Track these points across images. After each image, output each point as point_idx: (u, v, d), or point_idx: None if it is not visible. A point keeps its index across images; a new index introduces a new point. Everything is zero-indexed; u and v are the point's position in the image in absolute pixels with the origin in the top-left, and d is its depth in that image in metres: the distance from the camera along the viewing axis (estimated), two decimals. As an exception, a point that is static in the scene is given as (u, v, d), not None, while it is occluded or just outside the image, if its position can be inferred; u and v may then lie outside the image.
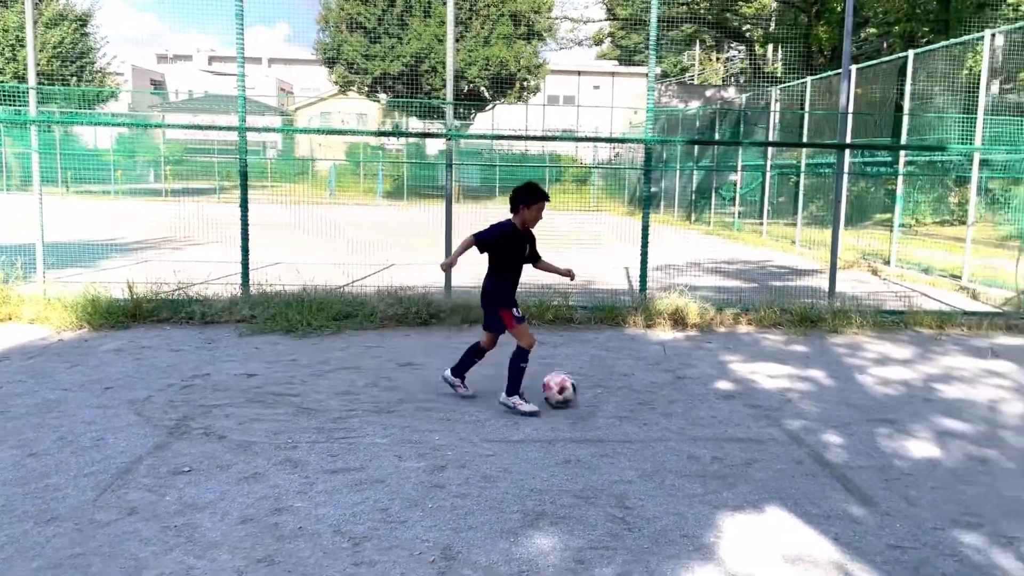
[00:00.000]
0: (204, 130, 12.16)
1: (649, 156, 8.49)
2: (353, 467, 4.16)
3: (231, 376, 5.80)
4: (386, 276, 9.89)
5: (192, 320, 7.51)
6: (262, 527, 3.47)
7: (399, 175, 32.37)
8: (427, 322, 7.75)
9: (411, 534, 3.43)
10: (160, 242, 13.61)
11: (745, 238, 18.34)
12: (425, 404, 5.28)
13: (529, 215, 5.10)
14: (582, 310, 8.05)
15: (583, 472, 4.14)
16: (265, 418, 4.90)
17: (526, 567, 3.15)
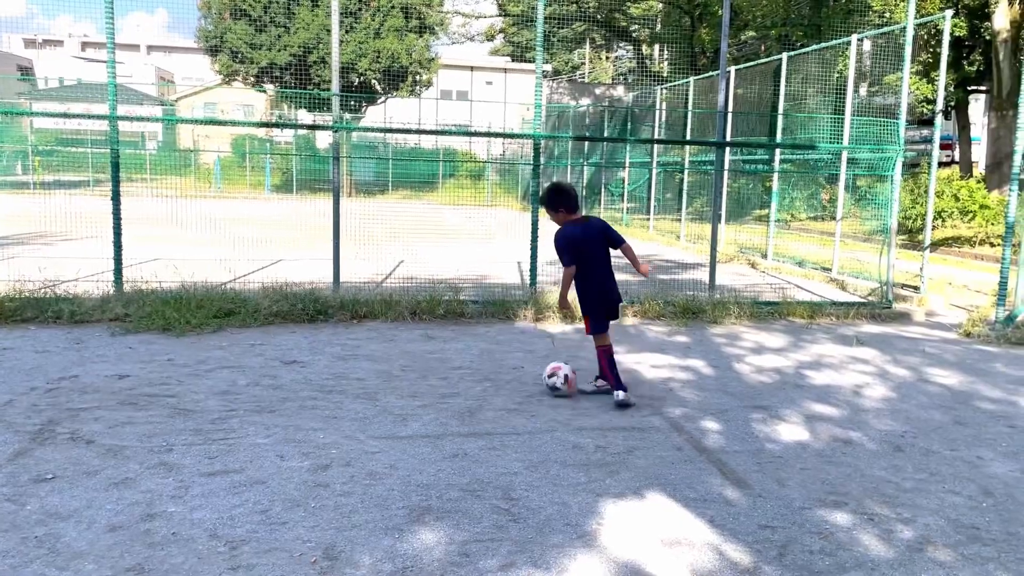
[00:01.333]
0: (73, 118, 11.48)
1: (538, 152, 8.58)
2: (232, 469, 4.03)
3: (101, 377, 5.51)
4: (273, 272, 9.62)
5: (60, 319, 7.08)
6: (132, 534, 3.30)
7: (288, 168, 31.53)
8: (314, 318, 7.58)
9: (292, 535, 3.34)
10: (28, 237, 12.78)
11: (633, 233, 18.83)
12: (309, 402, 5.16)
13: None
14: (473, 304, 8.07)
15: (470, 465, 4.15)
16: (138, 421, 4.68)
17: (410, 563, 3.13)
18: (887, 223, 9.51)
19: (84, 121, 26.98)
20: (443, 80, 44.44)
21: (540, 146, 8.58)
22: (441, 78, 41.34)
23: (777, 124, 14.02)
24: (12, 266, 8.35)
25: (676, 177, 18.93)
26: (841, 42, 12.98)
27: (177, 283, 7.88)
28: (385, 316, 7.73)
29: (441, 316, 7.83)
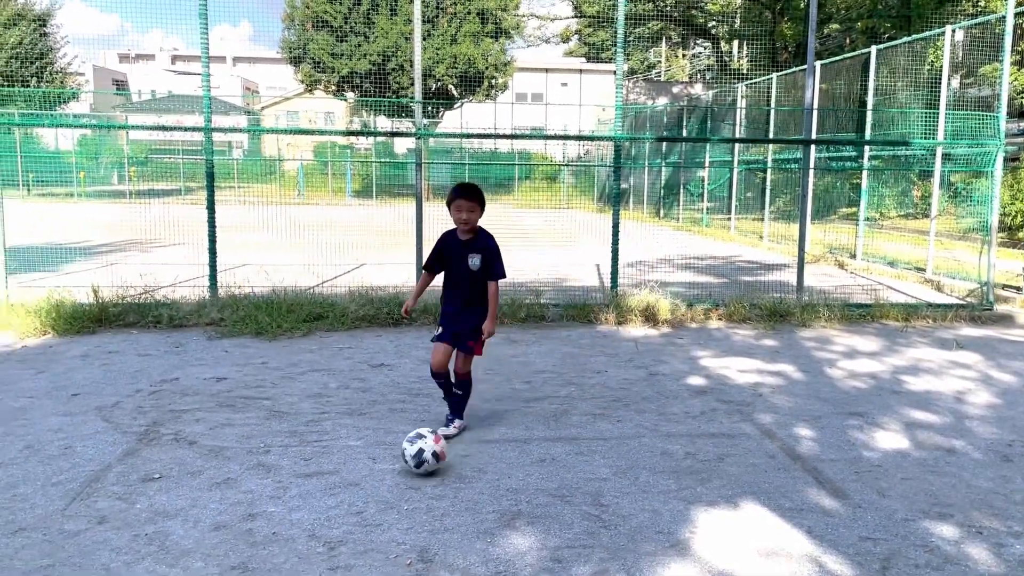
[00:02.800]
0: (169, 131, 11.99)
1: (618, 153, 8.52)
2: (327, 470, 4.13)
3: (200, 380, 5.73)
4: (357, 276, 9.82)
5: (159, 324, 7.40)
6: (235, 533, 3.42)
7: (368, 174, 32.18)
8: (398, 322, 7.71)
9: (387, 537, 3.40)
10: (126, 245, 13.40)
11: (714, 233, 18.52)
12: (397, 405, 5.25)
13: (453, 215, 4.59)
14: (554, 308, 8.07)
15: (558, 470, 4.15)
16: (236, 423, 4.85)
17: (503, 567, 3.15)
18: (987, 220, 9.09)
19: (176, 132, 28.14)
20: (518, 83, 44.63)
21: (621, 148, 8.52)
22: (516, 81, 41.53)
23: (866, 120, 13.56)
24: (114, 273, 8.77)
25: (758, 176, 18.53)
26: (934, 33, 12.47)
27: (268, 288, 8.13)
28: (468, 320, 7.79)
29: (522, 319, 7.86)
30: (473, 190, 4.57)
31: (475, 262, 4.55)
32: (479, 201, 4.55)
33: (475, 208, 4.53)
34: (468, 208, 4.51)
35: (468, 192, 4.54)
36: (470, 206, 4.51)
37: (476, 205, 4.53)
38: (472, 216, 4.53)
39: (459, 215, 4.53)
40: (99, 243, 14.00)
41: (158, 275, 8.53)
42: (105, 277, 8.38)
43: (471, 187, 4.59)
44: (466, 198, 4.51)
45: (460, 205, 4.51)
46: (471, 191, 4.55)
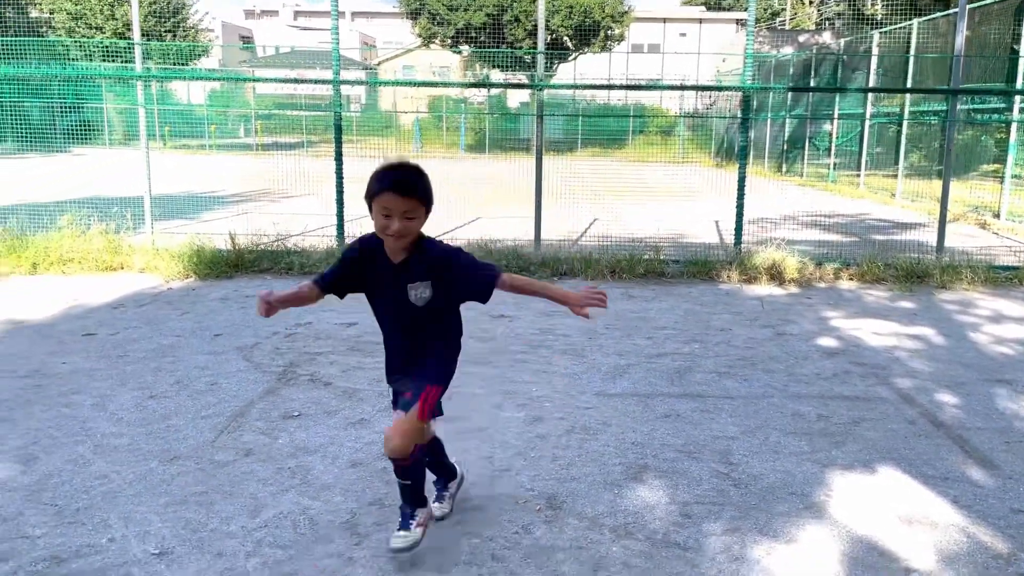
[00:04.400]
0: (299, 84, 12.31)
1: (747, 104, 8.20)
2: (455, 416, 4.22)
3: (332, 325, 5.96)
4: (473, 229, 9.92)
5: (291, 271, 7.72)
6: (371, 471, 3.56)
7: (481, 128, 32.31)
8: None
9: (515, 482, 3.47)
10: (256, 195, 13.99)
11: (841, 190, 17.66)
12: (519, 356, 5.30)
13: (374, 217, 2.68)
14: (674, 264, 7.92)
15: (684, 427, 4.10)
16: (367, 366, 5.02)
17: (632, 520, 3.15)
18: None
19: (298, 86, 28.98)
20: (634, 34, 43.51)
21: (751, 98, 8.19)
22: (632, 31, 40.50)
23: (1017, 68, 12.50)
24: (248, 221, 9.18)
25: (890, 130, 17.47)
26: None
27: (390, 239, 8.32)
28: (584, 274, 7.77)
29: (641, 275, 7.76)
30: (411, 179, 2.64)
31: (421, 294, 2.72)
32: (421, 197, 2.63)
33: (416, 209, 2.62)
34: (403, 210, 2.59)
35: (403, 183, 2.61)
36: (407, 207, 2.59)
37: (417, 204, 2.62)
38: (410, 225, 2.63)
39: (386, 221, 2.61)
40: (231, 193, 14.68)
41: (288, 224, 8.88)
42: (240, 225, 8.77)
43: (408, 172, 2.66)
44: (399, 193, 2.58)
45: (389, 203, 2.59)
46: (408, 180, 2.63)
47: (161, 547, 2.89)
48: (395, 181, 2.61)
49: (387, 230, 2.61)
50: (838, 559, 2.89)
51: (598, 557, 2.87)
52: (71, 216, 8.08)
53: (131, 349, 5.27)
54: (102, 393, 4.44)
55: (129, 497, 3.27)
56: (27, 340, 5.43)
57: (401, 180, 2.62)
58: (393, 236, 2.62)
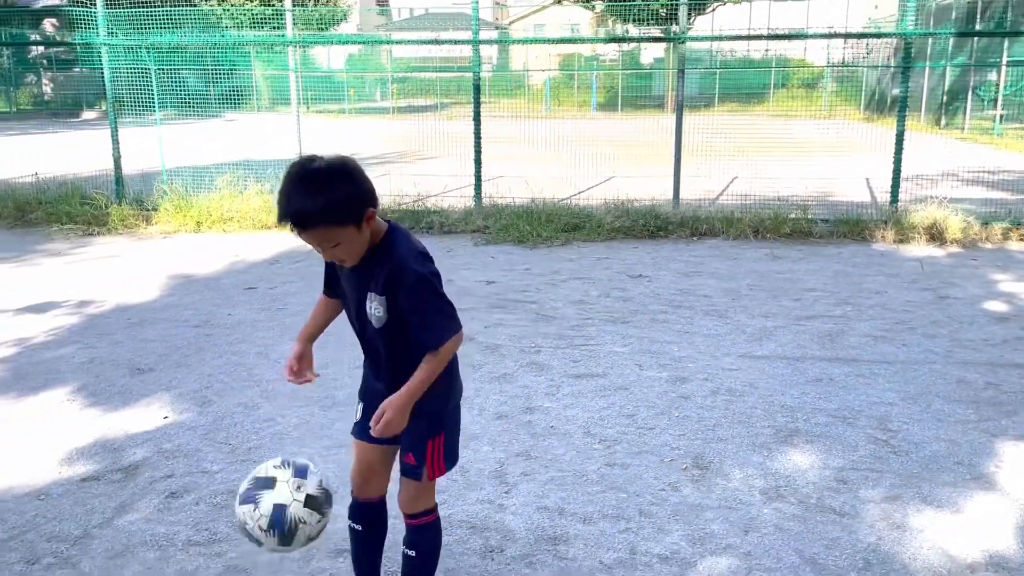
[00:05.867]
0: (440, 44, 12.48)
1: (908, 52, 7.64)
2: (596, 373, 4.25)
3: (472, 283, 6.08)
4: (609, 188, 9.82)
5: (431, 229, 7.92)
6: (516, 424, 3.64)
7: (613, 87, 31.77)
8: (654, 234, 7.65)
9: (660, 441, 3.45)
10: (394, 156, 14.39)
11: (1008, 145, 16.23)
12: (659, 316, 5.24)
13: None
14: (823, 223, 7.57)
15: (837, 391, 3.95)
16: (507, 323, 5.11)
17: (783, 482, 3.08)
18: None
19: (433, 49, 29.42)
20: (776, -18, 41.32)
21: (912, 45, 7.63)
22: (774, -20, 38.53)
23: None
24: (390, 182, 9.47)
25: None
26: None
27: (526, 199, 8.38)
28: (726, 233, 7.55)
29: (786, 235, 7.46)
30: (304, 208, 1.88)
31: (375, 311, 2.07)
32: (333, 222, 1.91)
33: (333, 234, 1.93)
34: (319, 242, 1.95)
35: (296, 217, 1.89)
36: (319, 239, 1.94)
37: (330, 229, 1.92)
38: (339, 251, 1.98)
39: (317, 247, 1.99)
40: (370, 155, 15.16)
41: (427, 185, 9.09)
42: (381, 186, 9.05)
43: (300, 196, 1.89)
44: (303, 228, 1.91)
45: (299, 236, 1.95)
46: (301, 212, 1.88)
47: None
48: (282, 214, 1.90)
49: (326, 255, 2.02)
50: (1012, 533, 2.72)
51: (748, 518, 2.83)
52: (229, 177, 8.59)
53: (289, 302, 5.58)
54: (265, 343, 4.74)
55: (294, 439, 3.50)
56: (197, 293, 5.85)
57: (289, 214, 1.88)
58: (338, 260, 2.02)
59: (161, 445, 3.44)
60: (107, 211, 8.19)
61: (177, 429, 3.60)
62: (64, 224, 8.13)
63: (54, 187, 9.00)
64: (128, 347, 4.67)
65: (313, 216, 1.86)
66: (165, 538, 2.74)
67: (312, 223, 1.86)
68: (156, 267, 6.63)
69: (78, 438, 3.50)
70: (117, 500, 2.99)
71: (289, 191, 1.88)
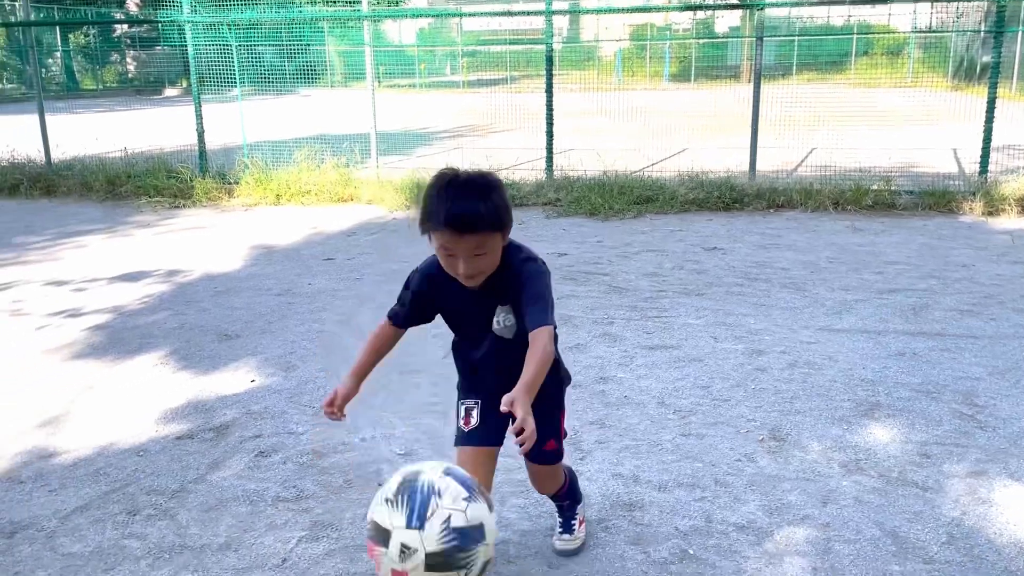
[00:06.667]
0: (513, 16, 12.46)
1: (1001, 16, 7.28)
2: (670, 344, 4.23)
3: (544, 255, 6.03)
4: (682, 160, 9.69)
5: (503, 202, 7.96)
6: (590, 393, 3.67)
7: (685, 56, 31.11)
8: (729, 207, 7.53)
9: (735, 412, 3.44)
10: (465, 130, 14.47)
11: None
12: (735, 288, 5.18)
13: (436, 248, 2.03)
14: (907, 195, 7.32)
15: (921, 366, 3.85)
16: (580, 295, 5.12)
17: (863, 455, 3.04)
18: None
19: (503, 23, 29.26)
20: (859, -55, 39.58)
21: (1005, 8, 7.26)
22: (857, -57, 36.95)
23: None
24: (461, 156, 9.55)
25: None
26: None
27: (598, 171, 8.34)
28: (804, 206, 7.38)
29: (868, 207, 7.25)
30: (472, 209, 1.91)
31: (505, 322, 2.14)
32: (492, 227, 1.95)
33: (486, 243, 1.95)
34: (469, 248, 1.94)
35: (461, 219, 1.90)
36: (473, 244, 1.94)
37: (487, 236, 1.95)
38: (482, 262, 1.98)
39: (450, 260, 2.00)
40: (442, 129, 15.28)
41: (499, 157, 9.13)
42: (453, 159, 9.15)
43: (467, 198, 1.92)
44: (458, 230, 1.91)
45: (448, 242, 1.94)
46: (467, 214, 1.91)
47: (406, 448, 3.18)
48: (450, 216, 1.88)
49: (454, 271, 1.99)
50: (1107, 514, 2.63)
51: (827, 490, 2.80)
52: (307, 151, 8.79)
53: (366, 273, 5.72)
54: (345, 311, 4.87)
55: (373, 405, 3.60)
56: (278, 263, 6.04)
57: (458, 215, 1.87)
58: (468, 277, 1.99)
59: (249, 407, 3.59)
60: (192, 184, 8.49)
61: (264, 392, 3.75)
62: (152, 197, 8.47)
63: (141, 162, 9.38)
64: (215, 314, 4.86)
65: (484, 218, 1.90)
66: (255, 494, 2.88)
67: (480, 225, 1.90)
68: (239, 238, 6.87)
69: (172, 399, 3.68)
70: (210, 457, 3.15)
71: (453, 195, 1.90)
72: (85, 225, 7.61)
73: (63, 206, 8.61)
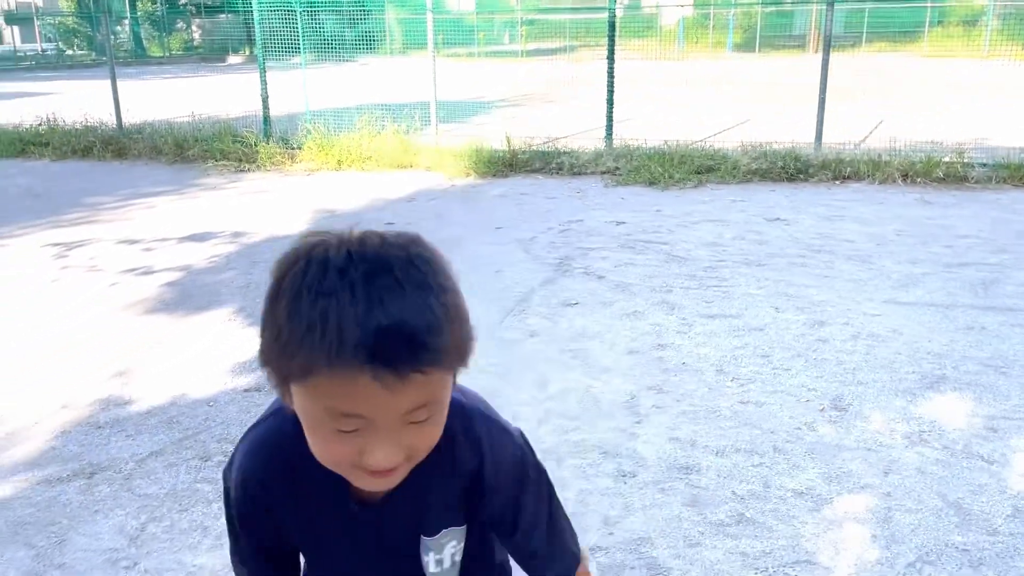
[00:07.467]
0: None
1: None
2: (729, 314, 4.20)
3: (602, 223, 6.09)
4: (745, 130, 9.50)
5: (561, 171, 7.94)
6: (647, 359, 3.68)
7: (750, 26, 30.35)
8: (793, 177, 7.37)
9: (796, 382, 3.40)
10: (524, 99, 14.41)
11: None
12: (797, 260, 5.10)
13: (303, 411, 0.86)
14: (980, 168, 7.07)
15: (990, 340, 3.75)
16: (638, 263, 5.10)
17: (927, 427, 2.99)
18: None
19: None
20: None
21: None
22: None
23: None
24: (519, 124, 9.54)
25: None
26: None
27: (659, 140, 8.24)
28: (872, 178, 7.19)
29: (939, 179, 7.02)
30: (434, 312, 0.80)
31: (445, 556, 1.08)
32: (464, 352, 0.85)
33: (436, 395, 0.85)
34: (407, 409, 0.82)
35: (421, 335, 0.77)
36: (421, 398, 0.82)
37: (443, 381, 0.85)
38: (422, 435, 0.87)
39: (353, 442, 0.83)
40: (501, 97, 15.24)
41: (557, 127, 9.09)
42: (512, 128, 9.13)
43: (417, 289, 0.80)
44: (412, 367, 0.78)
45: (367, 401, 0.79)
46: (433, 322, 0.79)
47: (465, 407, 3.23)
48: (380, 333, 0.77)
49: (350, 462, 0.86)
50: None
51: (888, 460, 2.77)
52: (368, 118, 8.87)
53: (426, 239, 5.77)
54: (404, 274, 4.94)
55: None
56: (339, 226, 6.12)
57: (397, 330, 0.78)
58: (372, 477, 0.88)
59: (313, 363, 3.69)
60: (256, 149, 8.66)
61: (327, 349, 3.84)
62: (218, 160, 8.68)
63: (208, 126, 9.59)
64: (280, 274, 4.98)
65: (448, 338, 0.81)
66: (320, 445, 2.97)
67: (440, 354, 0.80)
68: (301, 202, 7.00)
69: (240, 353, 3.80)
70: (276, 409, 3.25)
71: (370, 290, 0.79)
72: (155, 187, 7.85)
73: (134, 168, 8.88)
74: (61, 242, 5.85)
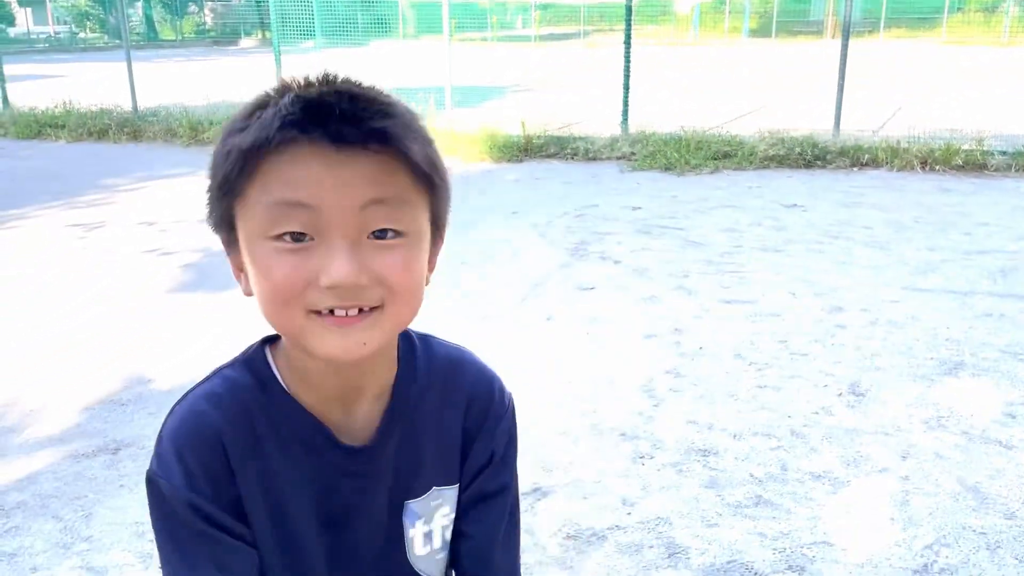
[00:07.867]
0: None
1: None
2: (746, 299, 4.20)
3: (618, 208, 6.08)
4: (762, 116, 9.45)
5: (576, 156, 7.93)
6: (664, 343, 3.68)
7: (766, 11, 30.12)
8: (811, 164, 7.34)
9: (813, 367, 3.40)
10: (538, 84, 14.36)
11: None
12: (815, 246, 5.08)
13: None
14: (1000, 155, 7.02)
15: (1009, 327, 3.74)
16: (654, 248, 5.10)
17: (945, 412, 2.99)
18: None
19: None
20: None
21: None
22: None
23: None
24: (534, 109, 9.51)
25: None
26: None
27: (674, 126, 8.20)
28: (890, 164, 7.15)
29: (958, 167, 6.97)
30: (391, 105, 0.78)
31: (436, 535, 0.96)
32: (431, 169, 0.79)
33: (405, 202, 0.78)
34: (367, 195, 0.75)
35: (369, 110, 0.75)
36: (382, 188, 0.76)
37: (410, 193, 0.79)
38: (390, 262, 0.78)
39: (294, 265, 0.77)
40: (514, 82, 15.19)
41: (572, 112, 9.07)
42: (526, 112, 9.11)
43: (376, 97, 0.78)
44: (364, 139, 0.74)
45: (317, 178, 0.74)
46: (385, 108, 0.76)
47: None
48: (322, 102, 0.75)
49: (316, 291, 0.78)
50: None
51: (906, 445, 2.77)
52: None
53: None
54: (420, 257, 4.96)
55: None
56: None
57: (338, 97, 0.75)
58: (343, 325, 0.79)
59: (331, 344, 3.71)
60: (271, 132, 8.67)
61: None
62: (233, 144, 8.69)
63: (223, 109, 9.60)
64: (297, 256, 5.01)
65: (404, 128, 0.77)
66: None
67: (395, 134, 0.75)
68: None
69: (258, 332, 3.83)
70: (296, 389, 3.28)
71: (361, 91, 0.77)
72: (170, 169, 7.88)
73: (149, 150, 8.92)
74: (79, 223, 5.90)
